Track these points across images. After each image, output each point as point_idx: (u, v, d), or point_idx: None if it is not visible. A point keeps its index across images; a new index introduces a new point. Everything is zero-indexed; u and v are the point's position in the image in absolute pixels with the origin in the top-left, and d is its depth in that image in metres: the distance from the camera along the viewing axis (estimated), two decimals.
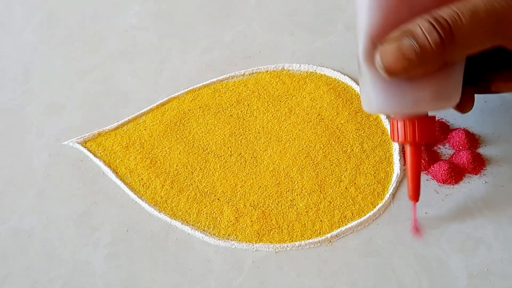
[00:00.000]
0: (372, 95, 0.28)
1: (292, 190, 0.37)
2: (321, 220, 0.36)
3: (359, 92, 0.42)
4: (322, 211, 0.36)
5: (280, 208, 0.36)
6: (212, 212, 0.37)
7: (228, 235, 0.36)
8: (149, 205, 0.37)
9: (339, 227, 0.35)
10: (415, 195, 0.33)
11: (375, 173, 0.38)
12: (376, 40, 0.26)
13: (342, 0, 0.49)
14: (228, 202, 0.37)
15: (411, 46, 0.24)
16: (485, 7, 0.23)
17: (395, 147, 0.39)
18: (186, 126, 0.41)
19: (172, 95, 0.43)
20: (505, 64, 0.30)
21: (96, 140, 0.41)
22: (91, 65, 0.46)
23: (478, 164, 0.37)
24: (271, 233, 0.35)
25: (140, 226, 0.36)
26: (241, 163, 0.39)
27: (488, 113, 0.40)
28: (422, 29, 0.24)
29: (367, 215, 0.36)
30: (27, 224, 0.37)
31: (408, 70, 0.25)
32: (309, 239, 0.35)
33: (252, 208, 0.37)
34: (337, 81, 0.43)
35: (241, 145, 0.40)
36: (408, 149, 0.31)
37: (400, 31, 0.24)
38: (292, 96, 0.42)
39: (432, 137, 0.30)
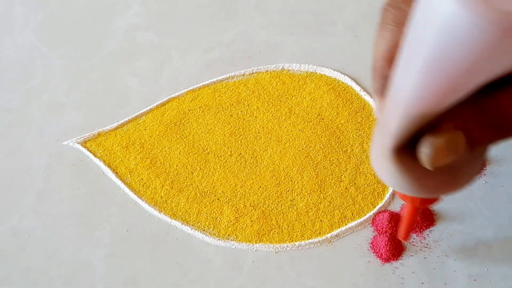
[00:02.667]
0: (401, 180, 0.25)
1: (292, 190, 0.37)
2: (321, 220, 0.36)
3: (357, 94, 0.42)
4: (322, 211, 0.36)
5: (280, 208, 0.36)
6: (212, 212, 0.37)
7: (228, 235, 0.36)
8: (149, 205, 0.37)
9: (339, 227, 0.35)
10: (406, 237, 0.33)
11: (375, 173, 0.38)
12: (418, 128, 0.22)
13: (342, 0, 0.49)
14: (228, 202, 0.37)
15: (464, 141, 0.21)
16: None
17: None
18: (186, 126, 0.41)
19: (172, 95, 0.43)
20: None
21: (96, 140, 0.41)
22: (91, 65, 0.46)
23: None
24: (271, 233, 0.35)
25: (140, 226, 0.36)
26: (241, 163, 0.39)
27: None
28: (479, 124, 0.21)
29: (367, 215, 0.36)
30: (27, 224, 0.37)
31: (451, 160, 0.22)
32: (309, 239, 0.35)
33: (252, 208, 0.37)
34: (337, 81, 0.43)
35: (241, 145, 0.40)
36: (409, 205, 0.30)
37: (455, 122, 0.22)
38: (292, 96, 0.42)
39: (436, 201, 0.29)
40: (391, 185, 0.26)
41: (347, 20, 0.48)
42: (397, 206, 0.36)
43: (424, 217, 0.35)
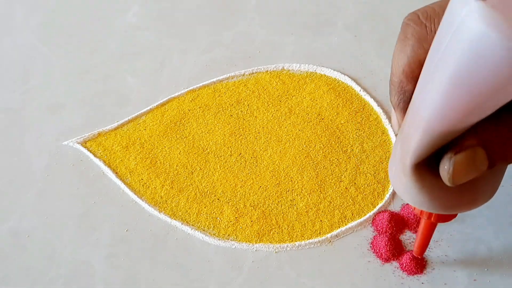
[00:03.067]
0: (420, 196, 0.25)
1: (292, 190, 0.37)
2: (321, 220, 0.36)
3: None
4: (322, 211, 0.36)
5: (280, 208, 0.36)
6: (212, 212, 0.37)
7: (228, 235, 0.36)
8: (149, 205, 0.37)
9: (339, 227, 0.35)
10: (421, 253, 0.33)
11: (375, 173, 0.38)
12: (439, 145, 0.22)
13: (342, 0, 0.49)
14: (228, 202, 0.37)
15: (486, 158, 0.21)
16: None
17: None
18: (186, 126, 0.41)
19: (172, 95, 0.43)
20: None
21: (96, 140, 0.41)
22: (91, 65, 0.46)
23: None
24: (271, 233, 0.35)
25: (140, 226, 0.36)
26: (241, 163, 0.39)
27: None
28: (501, 141, 0.21)
29: (367, 215, 0.36)
30: (27, 224, 0.37)
31: (472, 177, 0.22)
32: (309, 239, 0.35)
33: (252, 208, 0.37)
34: (337, 81, 0.43)
35: (241, 145, 0.40)
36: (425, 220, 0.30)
37: (476, 139, 0.21)
38: (292, 96, 0.42)
39: (453, 217, 0.28)
40: (409, 201, 0.25)
41: (347, 20, 0.48)
42: (397, 206, 0.36)
43: None
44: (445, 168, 0.22)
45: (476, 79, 0.18)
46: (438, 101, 0.20)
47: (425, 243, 0.31)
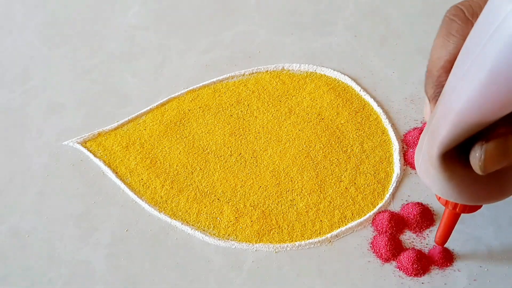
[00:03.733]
0: (449, 187, 0.25)
1: (292, 190, 0.37)
2: (321, 220, 0.36)
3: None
4: (322, 211, 0.36)
5: (280, 208, 0.36)
6: (212, 212, 0.37)
7: (228, 235, 0.36)
8: (149, 205, 0.37)
9: (339, 227, 0.35)
10: (443, 243, 0.33)
11: (375, 173, 0.38)
12: (470, 136, 0.22)
13: (342, 0, 0.49)
14: (228, 202, 0.37)
15: None
16: None
17: (395, 147, 0.39)
18: (186, 126, 0.41)
19: (172, 95, 0.43)
20: None
21: (96, 140, 0.41)
22: (91, 65, 0.46)
23: None
24: (271, 233, 0.35)
25: (140, 226, 0.36)
26: (241, 163, 0.39)
27: None
28: None
29: (367, 215, 0.36)
30: (27, 224, 0.37)
31: (503, 166, 0.22)
32: (309, 239, 0.35)
33: (252, 208, 0.37)
34: (337, 81, 0.43)
35: (241, 145, 0.40)
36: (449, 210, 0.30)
37: (508, 128, 0.22)
38: (292, 96, 0.42)
39: (478, 208, 0.28)
40: (437, 191, 0.25)
41: (347, 20, 0.48)
42: (397, 206, 0.36)
43: (424, 217, 0.35)
44: (477, 155, 0.22)
45: None
46: (474, 94, 0.20)
47: (447, 233, 0.32)
